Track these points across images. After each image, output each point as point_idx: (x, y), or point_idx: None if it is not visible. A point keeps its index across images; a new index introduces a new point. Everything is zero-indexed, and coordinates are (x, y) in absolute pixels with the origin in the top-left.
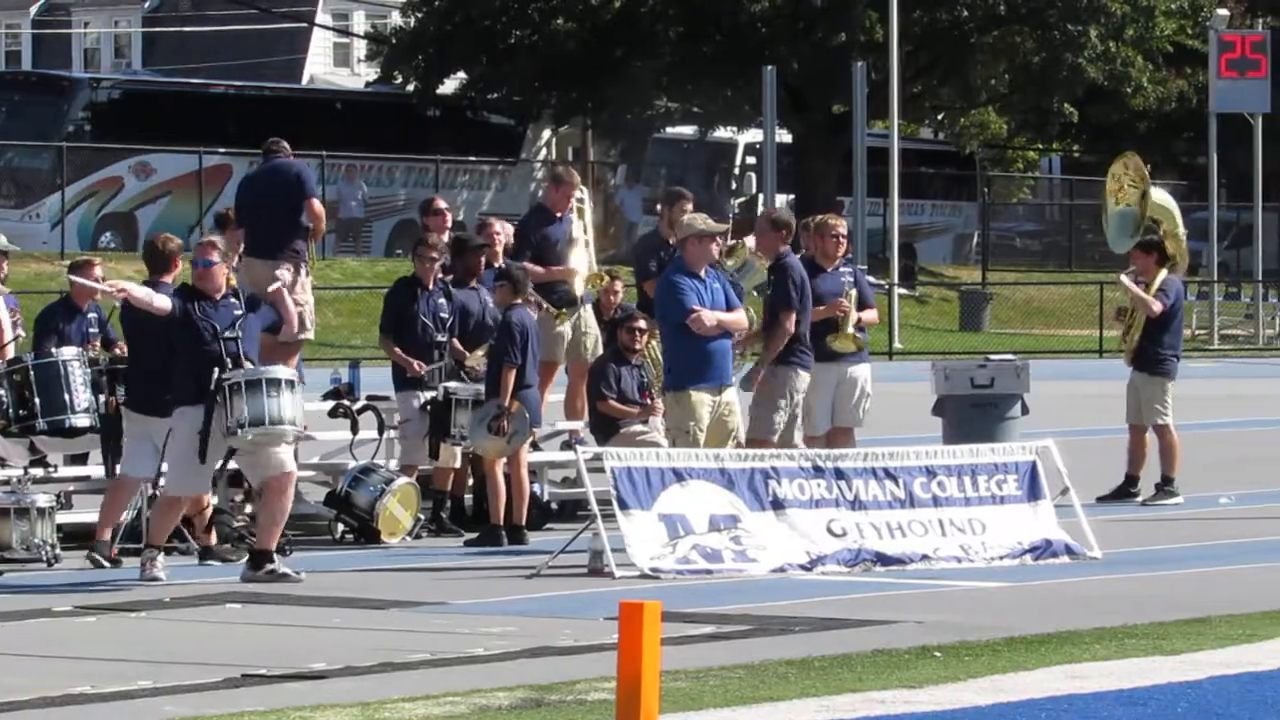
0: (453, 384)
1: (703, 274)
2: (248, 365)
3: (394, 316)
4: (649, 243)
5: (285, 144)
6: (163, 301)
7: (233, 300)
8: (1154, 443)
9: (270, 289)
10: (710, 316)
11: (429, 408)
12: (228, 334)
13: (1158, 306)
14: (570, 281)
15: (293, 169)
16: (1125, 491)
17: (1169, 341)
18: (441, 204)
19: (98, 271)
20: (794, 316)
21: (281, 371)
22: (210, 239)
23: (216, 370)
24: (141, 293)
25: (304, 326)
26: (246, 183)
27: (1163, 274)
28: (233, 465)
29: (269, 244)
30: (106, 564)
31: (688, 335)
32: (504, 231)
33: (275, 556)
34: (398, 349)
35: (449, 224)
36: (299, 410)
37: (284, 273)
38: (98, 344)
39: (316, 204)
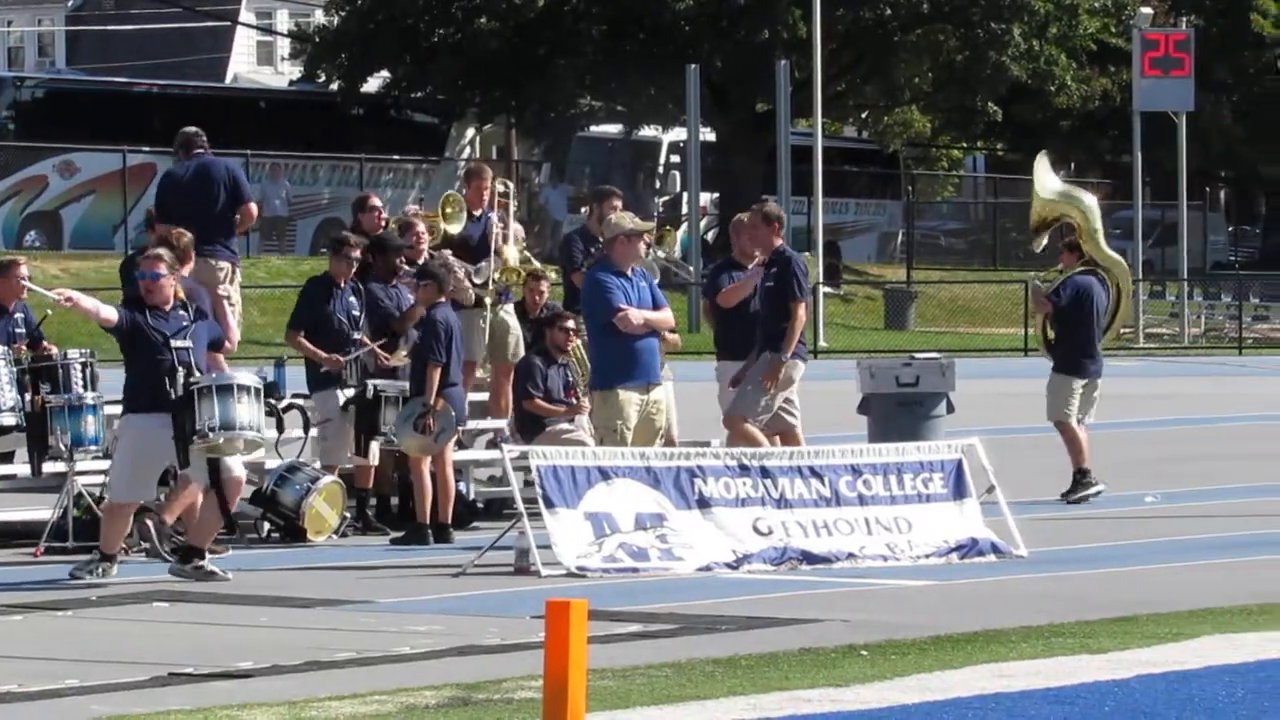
0: (379, 381)
1: (629, 272)
2: (197, 374)
3: (308, 314)
4: (576, 235)
5: (203, 135)
6: (109, 312)
7: (181, 312)
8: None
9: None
10: (637, 315)
11: (351, 405)
12: (177, 343)
13: (1046, 306)
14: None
15: (225, 168)
16: (1082, 484)
17: (1076, 339)
18: (376, 201)
19: (23, 270)
20: (803, 306)
21: (248, 378)
22: (158, 251)
23: (178, 377)
24: (89, 303)
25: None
26: (170, 181)
27: (1072, 273)
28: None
29: (206, 241)
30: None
31: (614, 334)
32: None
33: (205, 554)
34: (308, 344)
35: (382, 222)
36: (262, 416)
37: (227, 285)
38: (24, 345)
39: (253, 207)
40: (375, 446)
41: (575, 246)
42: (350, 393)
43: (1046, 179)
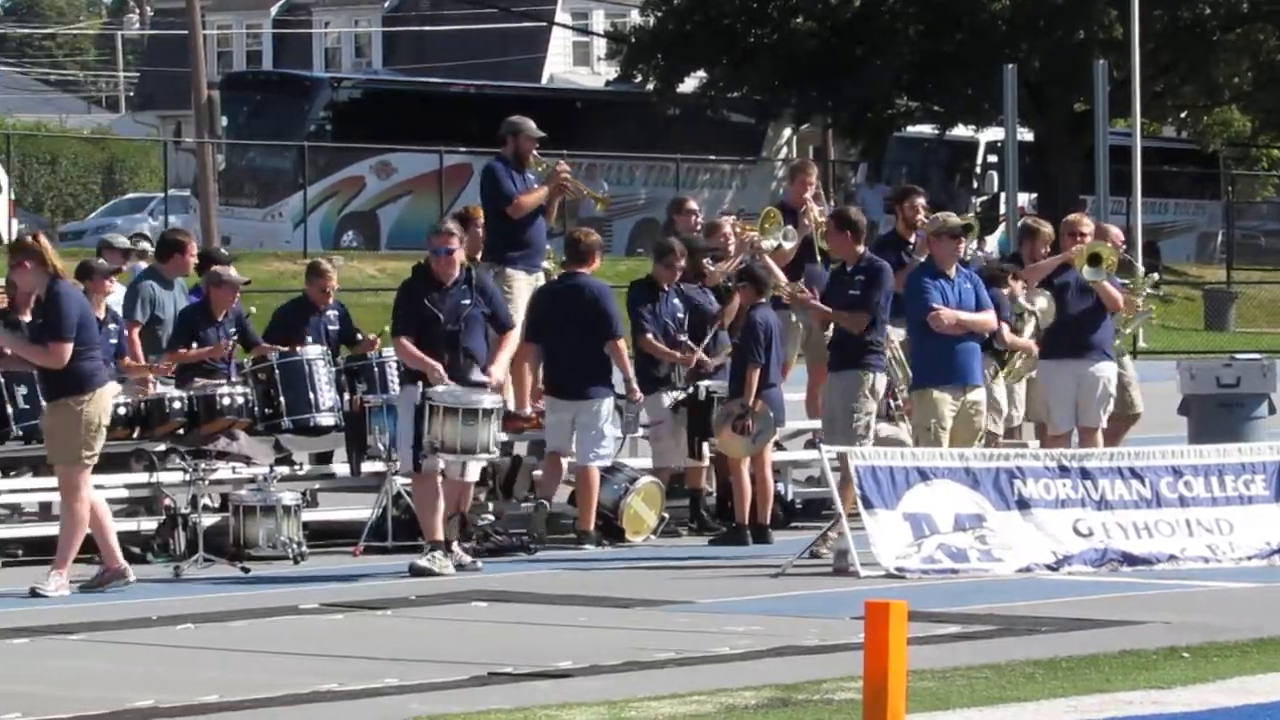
0: (709, 382)
1: (951, 272)
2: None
3: (635, 317)
4: (887, 240)
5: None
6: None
7: (463, 286)
8: None
9: None
10: (949, 315)
11: (682, 407)
12: (450, 327)
13: None
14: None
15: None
16: None
17: None
18: (693, 205)
19: (332, 283)
20: (868, 319)
21: (490, 401)
22: (449, 227)
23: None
24: None
25: None
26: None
27: None
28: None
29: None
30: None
31: (931, 334)
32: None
33: (451, 547)
34: (658, 343)
35: (697, 225)
36: (493, 438)
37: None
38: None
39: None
40: (707, 448)
41: (886, 254)
42: (678, 395)
43: None
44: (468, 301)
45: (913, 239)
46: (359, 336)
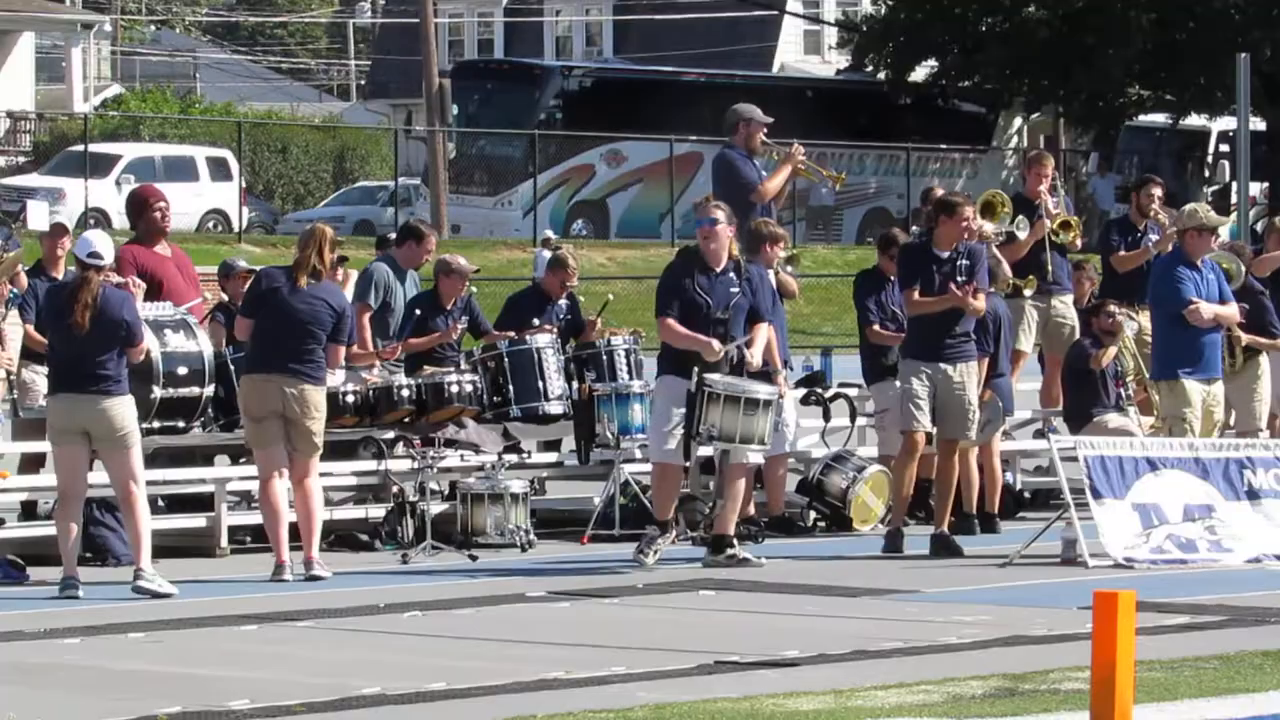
0: None
1: (1199, 264)
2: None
3: (861, 309)
4: (1114, 224)
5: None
6: None
7: (731, 275)
8: None
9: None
10: (1208, 309)
11: None
12: (718, 314)
13: None
14: None
15: None
16: None
17: None
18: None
19: (573, 281)
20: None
21: (765, 391)
22: (717, 202)
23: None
24: None
25: None
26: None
27: None
28: (706, 452)
29: None
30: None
31: (1181, 325)
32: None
33: (735, 542)
34: (884, 331)
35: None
36: (768, 428)
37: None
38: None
39: None
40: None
41: (1112, 233)
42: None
43: None
44: (736, 290)
45: (1143, 226)
46: (588, 319)
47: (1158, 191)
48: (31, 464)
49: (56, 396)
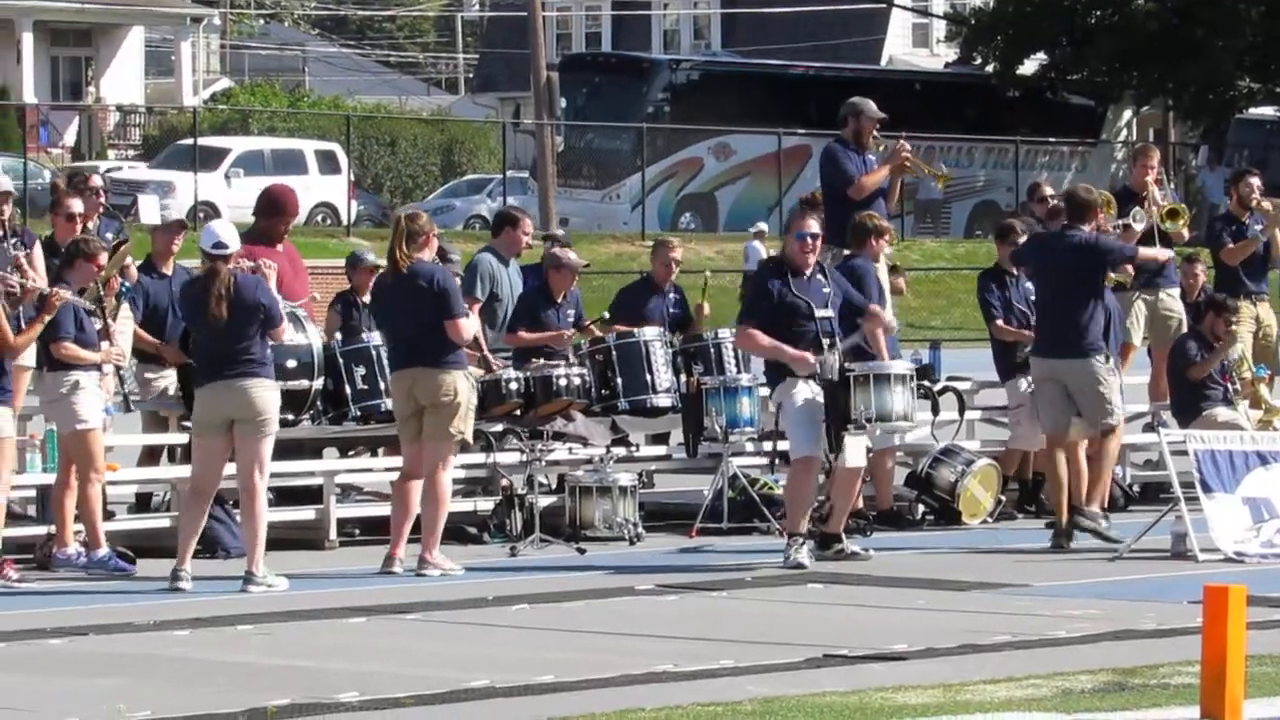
0: None
1: None
2: (836, 344)
3: (985, 305)
4: (1223, 219)
5: None
6: None
7: (820, 278)
8: None
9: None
10: None
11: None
12: (821, 313)
13: None
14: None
15: None
16: None
17: None
18: (1048, 190)
19: (677, 253)
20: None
21: (902, 366)
22: (809, 214)
23: (824, 346)
24: None
25: None
26: None
27: None
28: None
29: None
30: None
31: None
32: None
33: (843, 536)
34: (1007, 327)
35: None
36: (914, 404)
37: None
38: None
39: None
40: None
41: (1218, 227)
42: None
43: None
44: (827, 290)
45: (1246, 218)
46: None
47: (1255, 181)
48: (150, 457)
49: (203, 388)
